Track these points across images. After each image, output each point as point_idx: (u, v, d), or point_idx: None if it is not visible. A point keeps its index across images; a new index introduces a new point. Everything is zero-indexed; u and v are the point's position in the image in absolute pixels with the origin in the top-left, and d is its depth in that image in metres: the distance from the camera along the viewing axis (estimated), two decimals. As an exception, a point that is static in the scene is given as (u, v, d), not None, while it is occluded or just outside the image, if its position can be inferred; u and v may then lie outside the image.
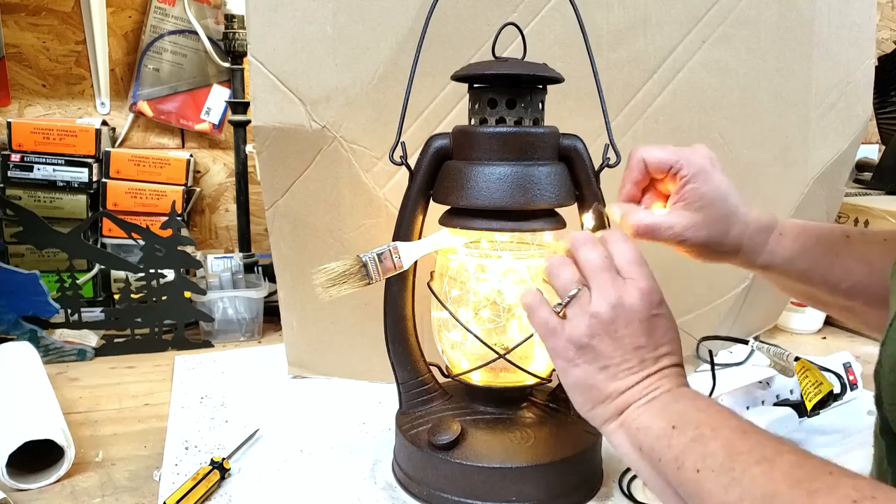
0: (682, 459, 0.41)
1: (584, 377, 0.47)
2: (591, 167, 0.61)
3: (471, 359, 0.65)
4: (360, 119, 0.75)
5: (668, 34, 0.79)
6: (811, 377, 0.71)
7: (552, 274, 0.49)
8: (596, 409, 0.47)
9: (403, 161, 0.61)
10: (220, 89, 1.26)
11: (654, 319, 0.47)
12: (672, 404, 0.45)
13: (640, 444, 0.45)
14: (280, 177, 0.78)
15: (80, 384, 0.88)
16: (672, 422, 0.43)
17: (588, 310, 0.46)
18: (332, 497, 0.62)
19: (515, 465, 0.58)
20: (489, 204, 0.57)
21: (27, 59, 1.16)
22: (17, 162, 1.07)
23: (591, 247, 0.49)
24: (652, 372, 0.46)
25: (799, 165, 0.89)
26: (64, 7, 1.16)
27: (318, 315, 0.85)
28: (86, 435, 0.74)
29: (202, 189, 1.29)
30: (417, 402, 0.67)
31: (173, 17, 1.21)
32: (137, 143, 1.25)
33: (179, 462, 0.67)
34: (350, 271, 0.58)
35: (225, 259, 1.13)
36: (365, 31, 0.73)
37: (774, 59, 0.84)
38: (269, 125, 0.75)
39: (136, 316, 0.99)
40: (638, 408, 0.46)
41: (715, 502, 0.38)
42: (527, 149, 0.58)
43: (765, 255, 0.57)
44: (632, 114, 0.80)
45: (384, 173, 0.78)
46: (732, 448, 0.39)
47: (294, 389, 0.87)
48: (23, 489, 0.62)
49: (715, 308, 0.92)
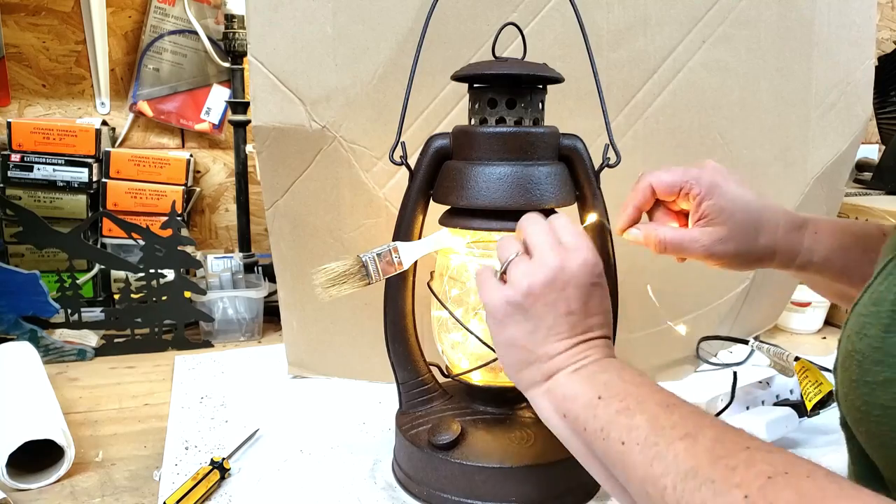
0: (608, 430, 0.42)
1: (515, 337, 0.48)
2: (591, 167, 0.61)
3: (471, 359, 0.65)
4: (360, 119, 0.75)
5: (668, 34, 0.79)
6: (811, 377, 0.71)
7: (499, 247, 0.51)
8: (523, 371, 0.48)
9: (403, 161, 0.61)
10: (220, 89, 1.26)
11: (591, 289, 0.48)
12: (599, 374, 0.46)
13: (565, 411, 0.46)
14: (280, 177, 0.78)
15: (80, 384, 0.88)
16: (598, 392, 0.44)
17: (526, 272, 0.48)
18: (332, 497, 0.62)
19: (515, 465, 0.58)
20: (489, 204, 0.57)
21: (27, 59, 1.16)
22: (17, 162, 1.07)
23: (535, 221, 0.51)
24: (582, 340, 0.47)
25: (799, 165, 0.89)
26: (64, 7, 1.16)
27: (318, 315, 0.85)
28: (86, 435, 0.74)
29: (202, 189, 1.29)
30: (417, 402, 0.67)
31: (173, 16, 1.21)
32: (137, 143, 1.25)
33: (179, 462, 0.67)
34: (350, 271, 0.58)
35: (225, 259, 1.13)
36: (365, 31, 0.73)
37: (774, 58, 0.84)
38: (269, 125, 0.75)
39: (136, 316, 0.99)
40: (566, 375, 0.47)
41: (639, 474, 0.38)
42: (527, 149, 0.58)
43: (802, 255, 0.57)
44: (632, 114, 0.80)
45: (384, 173, 0.78)
46: (657, 422, 0.39)
47: (294, 389, 0.87)
48: (23, 489, 0.62)
49: (715, 308, 0.92)
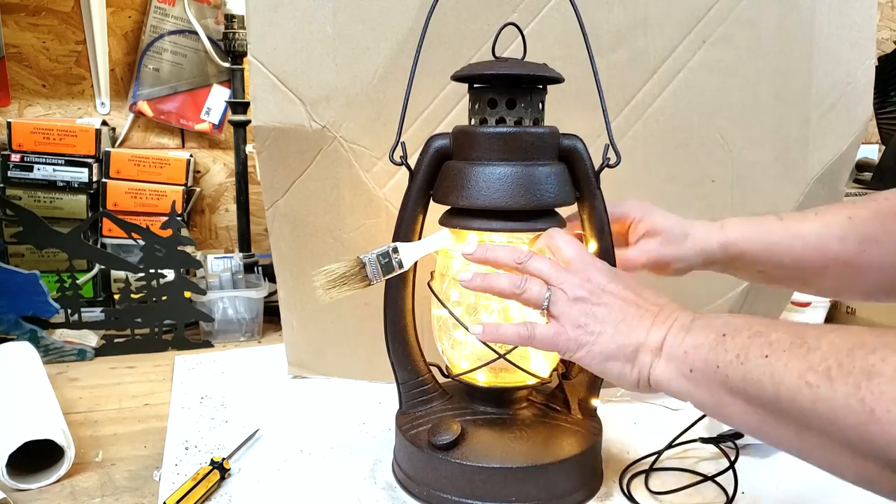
0: (745, 353, 0.42)
1: (606, 344, 0.50)
2: (591, 167, 0.61)
3: (471, 359, 0.65)
4: (360, 119, 0.75)
5: (669, 34, 0.79)
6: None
7: (522, 296, 0.54)
8: (635, 366, 0.50)
9: (403, 161, 0.61)
10: (220, 89, 1.26)
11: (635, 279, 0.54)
12: (711, 321, 0.47)
13: (691, 365, 0.46)
14: (280, 177, 0.78)
15: (80, 384, 0.88)
16: (721, 331, 0.45)
17: (568, 298, 0.52)
18: (332, 497, 0.62)
19: (515, 465, 0.58)
20: (489, 204, 0.57)
21: (27, 59, 1.16)
22: (17, 162, 1.07)
23: (536, 259, 0.55)
24: (660, 310, 0.50)
25: (799, 166, 0.89)
26: (64, 7, 1.16)
27: (317, 315, 0.85)
28: (86, 435, 0.74)
29: (202, 189, 1.29)
30: (417, 402, 0.67)
31: (173, 17, 1.21)
32: (137, 143, 1.25)
33: (179, 462, 0.67)
34: (350, 273, 0.58)
35: (225, 259, 1.13)
36: (365, 31, 0.73)
37: (775, 59, 0.84)
38: (269, 125, 0.75)
39: (136, 316, 0.99)
40: (675, 336, 0.48)
41: (794, 373, 0.38)
42: (527, 149, 0.58)
43: (720, 248, 0.64)
44: (632, 114, 0.80)
45: (384, 173, 0.78)
46: (796, 332, 0.40)
47: (294, 389, 0.87)
48: (23, 489, 0.62)
49: (715, 308, 0.92)
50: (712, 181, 0.85)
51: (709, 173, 0.85)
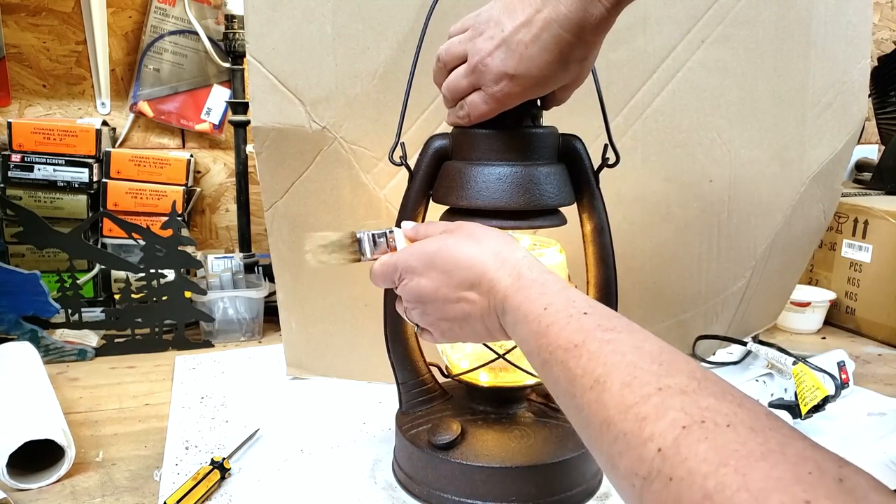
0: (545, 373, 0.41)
1: (470, 338, 0.52)
2: (591, 167, 0.61)
3: (470, 359, 0.65)
4: (361, 119, 0.75)
5: (668, 34, 0.79)
6: (808, 382, 0.72)
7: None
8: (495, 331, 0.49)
9: (403, 161, 0.61)
10: (220, 89, 1.26)
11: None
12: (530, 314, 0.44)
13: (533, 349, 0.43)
14: (279, 178, 0.78)
15: (81, 384, 0.88)
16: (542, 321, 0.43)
17: (420, 325, 0.54)
18: (332, 497, 0.62)
19: (515, 465, 0.58)
20: (489, 204, 0.57)
21: (27, 60, 1.17)
22: (18, 162, 1.07)
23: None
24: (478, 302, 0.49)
25: (795, 164, 0.89)
26: (64, 7, 1.16)
27: (317, 315, 0.85)
28: (86, 435, 0.74)
29: (202, 189, 1.29)
30: (417, 402, 0.67)
31: (173, 17, 1.21)
32: (138, 144, 1.25)
33: (180, 462, 0.67)
34: (342, 243, 0.57)
35: (225, 259, 1.13)
36: (365, 31, 0.73)
37: (772, 58, 0.84)
38: (268, 126, 0.75)
39: (137, 316, 0.99)
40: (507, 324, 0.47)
41: (574, 423, 0.37)
42: (526, 149, 0.58)
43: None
44: (631, 114, 0.80)
45: (384, 174, 0.78)
46: (569, 372, 0.37)
47: (294, 389, 0.87)
48: (23, 489, 0.63)
49: (713, 306, 0.92)
50: (710, 181, 0.85)
51: (707, 173, 0.85)
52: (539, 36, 0.48)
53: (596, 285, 0.63)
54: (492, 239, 0.50)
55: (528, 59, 0.49)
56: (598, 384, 0.34)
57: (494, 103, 0.53)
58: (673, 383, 0.32)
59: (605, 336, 0.37)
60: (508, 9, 0.49)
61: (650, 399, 0.31)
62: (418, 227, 0.56)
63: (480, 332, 0.50)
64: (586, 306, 0.41)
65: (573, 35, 0.47)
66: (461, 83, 0.53)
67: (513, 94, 0.52)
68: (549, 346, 0.40)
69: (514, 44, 0.49)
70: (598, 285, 0.63)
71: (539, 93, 0.53)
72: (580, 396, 0.35)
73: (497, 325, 0.48)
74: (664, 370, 0.33)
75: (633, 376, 0.33)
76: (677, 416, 0.30)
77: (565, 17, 0.47)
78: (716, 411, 0.29)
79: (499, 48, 0.50)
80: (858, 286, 1.13)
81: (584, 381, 0.35)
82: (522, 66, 0.49)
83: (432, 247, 0.51)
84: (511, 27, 0.49)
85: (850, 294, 1.14)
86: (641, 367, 0.34)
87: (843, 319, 1.16)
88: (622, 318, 0.40)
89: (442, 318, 0.51)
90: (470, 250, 0.49)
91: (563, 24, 0.47)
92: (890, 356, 1.03)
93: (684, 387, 0.31)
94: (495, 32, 0.50)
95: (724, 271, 0.90)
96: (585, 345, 0.37)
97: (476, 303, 0.48)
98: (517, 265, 0.47)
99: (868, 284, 1.11)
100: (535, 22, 0.48)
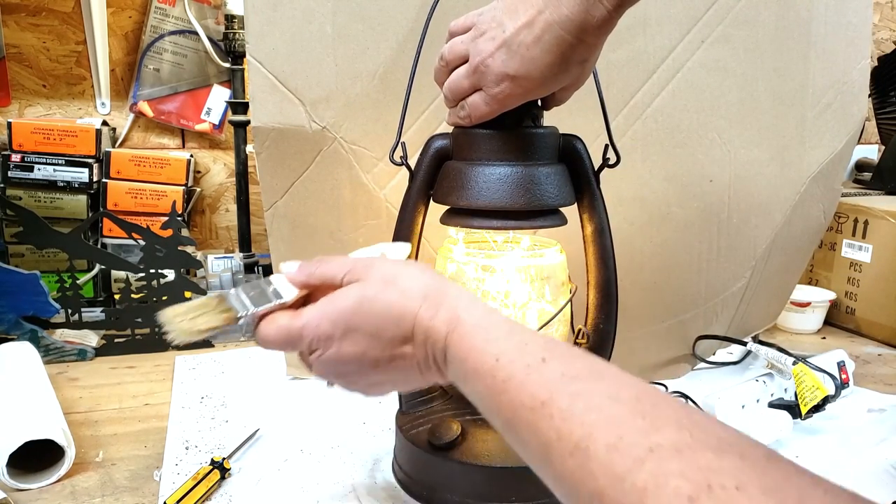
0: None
1: (403, 387, 0.48)
2: (591, 167, 0.61)
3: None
4: (361, 119, 0.75)
5: (668, 34, 0.79)
6: (808, 383, 0.72)
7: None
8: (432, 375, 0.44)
9: (403, 161, 0.61)
10: (220, 89, 1.26)
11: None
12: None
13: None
14: (279, 178, 0.78)
15: (81, 384, 0.88)
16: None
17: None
18: (332, 497, 0.62)
19: (515, 465, 0.58)
20: (489, 204, 0.57)
21: (27, 60, 1.17)
22: (18, 162, 1.07)
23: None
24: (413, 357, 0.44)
25: (795, 165, 0.89)
26: (64, 7, 1.16)
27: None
28: (86, 435, 0.74)
29: (202, 189, 1.29)
30: (417, 402, 0.67)
31: (173, 17, 1.21)
32: (138, 144, 1.25)
33: (180, 462, 0.67)
34: (207, 305, 0.48)
35: (225, 259, 1.13)
36: (365, 31, 0.73)
37: (772, 58, 0.84)
38: (268, 126, 0.75)
39: (137, 316, 0.99)
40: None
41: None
42: (527, 149, 0.58)
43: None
44: (631, 114, 0.80)
45: (385, 174, 0.78)
46: (543, 436, 0.34)
47: (294, 389, 0.87)
48: (23, 489, 0.63)
49: (713, 306, 0.92)
50: (710, 181, 0.85)
51: (707, 173, 0.85)
52: (541, 37, 0.48)
53: (596, 286, 0.63)
54: (413, 279, 0.44)
55: (529, 61, 0.49)
56: (580, 450, 0.31)
57: (495, 104, 0.53)
58: (663, 440, 0.29)
59: (573, 388, 0.34)
60: (510, 9, 0.49)
61: (644, 465, 0.28)
62: (306, 267, 0.47)
63: (419, 382, 0.46)
64: (542, 350, 0.37)
65: (574, 37, 0.47)
66: (462, 84, 0.53)
67: (514, 96, 0.52)
68: (510, 405, 0.36)
69: (515, 45, 0.49)
70: (598, 286, 0.63)
71: (540, 94, 0.53)
72: (559, 464, 0.32)
73: (438, 374, 0.44)
74: (649, 423, 0.30)
75: (618, 437, 0.30)
76: (679, 484, 0.27)
77: (567, 18, 0.46)
78: (718, 471, 0.27)
79: (500, 49, 0.49)
80: (858, 286, 1.13)
81: (562, 447, 0.32)
82: (523, 67, 0.49)
83: (346, 305, 0.44)
84: (513, 28, 0.49)
85: (850, 294, 1.14)
86: (625, 424, 0.31)
87: (842, 319, 1.16)
88: (584, 357, 0.37)
89: (373, 383, 0.46)
90: (394, 298, 0.43)
91: (564, 25, 0.47)
92: (890, 356, 1.03)
93: (676, 442, 0.29)
94: (497, 33, 0.50)
95: (724, 271, 0.90)
96: (554, 402, 0.34)
97: (413, 356, 0.44)
98: (452, 307, 0.42)
99: (868, 284, 1.11)
100: (536, 23, 0.47)
